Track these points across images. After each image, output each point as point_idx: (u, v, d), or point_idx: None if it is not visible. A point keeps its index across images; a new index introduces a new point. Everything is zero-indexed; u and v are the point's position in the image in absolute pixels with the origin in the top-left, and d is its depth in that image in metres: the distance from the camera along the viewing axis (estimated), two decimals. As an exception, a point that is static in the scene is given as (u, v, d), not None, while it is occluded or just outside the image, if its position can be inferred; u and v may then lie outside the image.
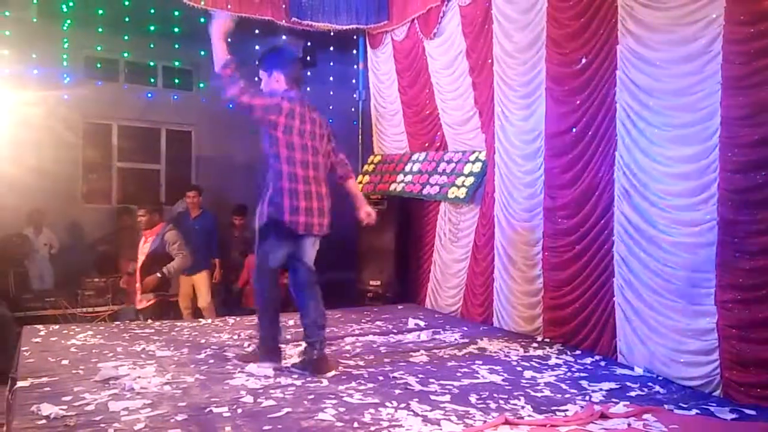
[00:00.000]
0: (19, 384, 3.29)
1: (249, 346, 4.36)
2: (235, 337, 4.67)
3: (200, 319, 5.94)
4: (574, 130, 4.57)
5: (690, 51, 3.71)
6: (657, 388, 3.62)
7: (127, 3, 6.64)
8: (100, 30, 6.87)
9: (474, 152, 5.91)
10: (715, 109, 3.55)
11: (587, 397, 3.36)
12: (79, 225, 7.01)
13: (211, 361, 3.94)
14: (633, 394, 3.48)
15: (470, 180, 5.80)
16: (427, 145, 6.63)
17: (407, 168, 6.70)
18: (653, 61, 3.97)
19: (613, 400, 3.29)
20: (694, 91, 3.70)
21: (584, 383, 3.64)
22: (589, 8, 4.41)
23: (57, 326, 4.89)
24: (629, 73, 4.12)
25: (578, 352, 4.41)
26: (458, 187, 5.88)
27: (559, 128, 4.72)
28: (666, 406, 3.23)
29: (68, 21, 6.77)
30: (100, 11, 6.77)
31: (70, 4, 6.62)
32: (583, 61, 4.46)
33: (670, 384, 3.71)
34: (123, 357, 3.95)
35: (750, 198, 3.40)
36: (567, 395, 3.41)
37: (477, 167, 5.79)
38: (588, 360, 4.19)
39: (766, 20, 3.32)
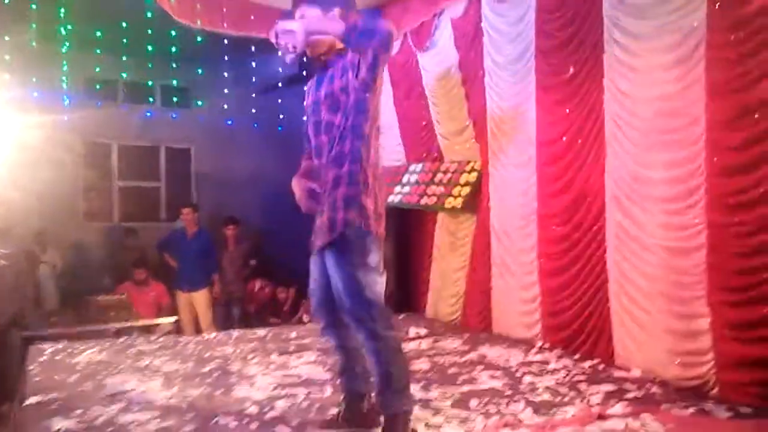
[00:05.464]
0: (28, 401, 3.35)
1: (253, 358, 4.42)
2: (239, 350, 4.73)
3: (204, 334, 6.01)
4: (564, 138, 4.67)
5: (674, 57, 3.81)
6: (654, 389, 3.68)
7: (124, 25, 6.76)
8: (98, 51, 6.99)
9: (469, 162, 6.00)
10: (700, 113, 3.65)
11: (585, 400, 3.43)
12: (81, 244, 7.12)
13: (216, 374, 4.01)
14: (630, 395, 3.53)
15: (466, 190, 5.88)
16: (423, 155, 6.72)
17: (405, 179, 6.78)
18: (639, 68, 4.07)
19: (611, 401, 3.36)
20: (679, 96, 3.80)
21: (582, 386, 3.71)
22: (575, 19, 4.52)
23: (62, 344, 4.94)
24: (616, 81, 4.22)
25: (577, 356, 4.47)
26: (455, 197, 5.96)
27: (550, 137, 4.81)
28: (663, 407, 3.30)
29: (67, 44, 6.88)
30: (98, 33, 6.89)
31: (69, 27, 6.73)
32: (571, 70, 4.57)
33: (666, 385, 3.76)
34: (129, 372, 4.02)
35: (736, 200, 3.48)
36: (566, 398, 3.47)
37: (473, 177, 5.87)
38: (586, 364, 4.25)
39: (746, 26, 3.42)
